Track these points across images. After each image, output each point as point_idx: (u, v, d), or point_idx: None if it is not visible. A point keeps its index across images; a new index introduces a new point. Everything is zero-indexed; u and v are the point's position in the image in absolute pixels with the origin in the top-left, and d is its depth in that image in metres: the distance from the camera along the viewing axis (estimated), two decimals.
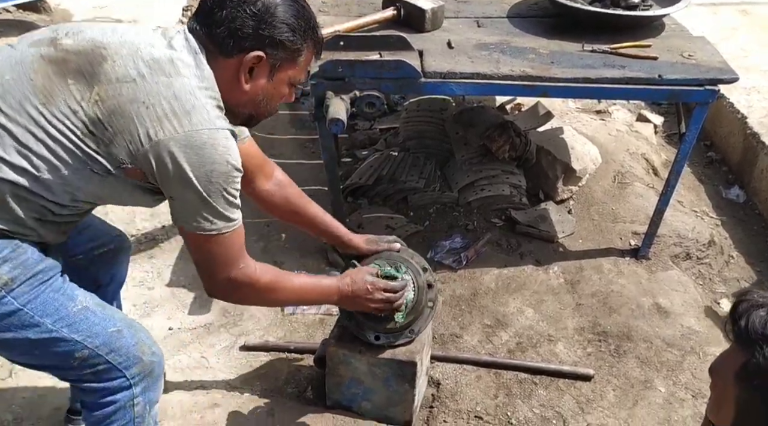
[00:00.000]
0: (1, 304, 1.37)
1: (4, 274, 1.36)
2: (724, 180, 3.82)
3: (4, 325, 1.39)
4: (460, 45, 2.65)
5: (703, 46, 2.70)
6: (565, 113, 4.07)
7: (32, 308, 1.40)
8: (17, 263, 1.38)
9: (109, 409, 1.55)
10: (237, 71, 1.45)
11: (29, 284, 1.40)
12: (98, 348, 1.48)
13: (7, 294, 1.37)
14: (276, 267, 1.68)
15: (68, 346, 1.45)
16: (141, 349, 1.56)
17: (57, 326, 1.43)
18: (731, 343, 1.11)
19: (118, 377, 1.53)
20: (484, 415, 2.27)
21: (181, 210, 1.42)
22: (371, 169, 3.28)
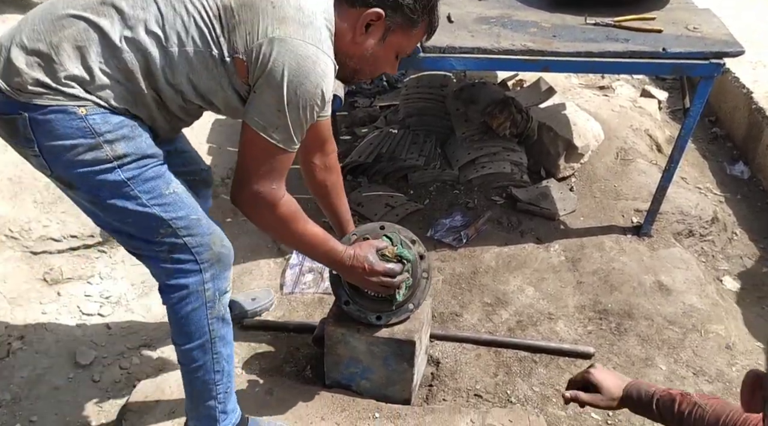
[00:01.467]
0: (112, 173, 1.49)
1: (120, 149, 1.48)
2: (728, 156, 3.78)
3: (109, 191, 1.51)
4: (460, 19, 2.59)
5: (708, 18, 2.65)
6: (568, 89, 4.01)
7: (134, 183, 1.52)
8: (132, 143, 1.50)
9: (183, 292, 1.65)
10: (355, 23, 1.55)
11: (137, 163, 1.52)
12: (180, 229, 1.59)
13: (118, 167, 1.49)
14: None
15: (155, 222, 1.56)
16: (213, 240, 1.66)
17: (150, 203, 1.54)
18: None
19: (189, 260, 1.63)
20: (483, 393, 2.26)
21: (256, 104, 1.48)
22: (371, 146, 3.24)
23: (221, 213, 3.01)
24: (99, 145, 1.47)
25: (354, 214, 3.00)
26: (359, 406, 2.14)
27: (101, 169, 1.48)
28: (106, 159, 1.48)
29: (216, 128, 3.48)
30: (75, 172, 1.49)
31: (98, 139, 1.46)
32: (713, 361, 2.39)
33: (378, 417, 2.11)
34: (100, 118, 1.45)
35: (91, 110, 1.44)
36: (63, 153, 1.46)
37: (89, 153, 1.47)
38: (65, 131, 1.44)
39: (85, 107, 1.44)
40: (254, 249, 2.85)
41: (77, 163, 1.47)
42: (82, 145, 1.46)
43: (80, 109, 1.43)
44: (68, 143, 1.45)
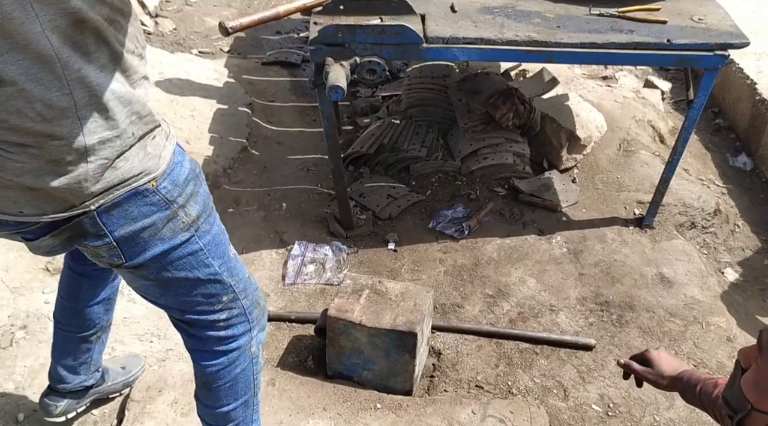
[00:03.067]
0: (189, 244, 1.36)
1: (192, 212, 1.35)
2: (731, 147, 3.76)
3: (184, 264, 1.38)
4: (463, 8, 2.57)
5: (713, 9, 2.62)
6: (571, 79, 3.99)
7: (209, 249, 1.41)
8: (200, 197, 1.38)
9: (234, 354, 1.58)
10: None
11: (206, 222, 1.40)
12: (240, 292, 1.52)
13: (195, 233, 1.37)
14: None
15: (222, 289, 1.47)
16: (259, 294, 1.61)
17: (221, 269, 1.45)
18: None
19: (243, 322, 1.56)
20: (484, 384, 2.27)
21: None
22: (373, 137, 3.23)
23: (222, 203, 3.01)
24: (175, 214, 1.32)
25: (356, 204, 3.01)
26: (361, 396, 2.15)
27: (180, 241, 1.35)
28: (183, 227, 1.35)
29: (217, 118, 3.47)
30: (152, 253, 1.33)
31: (172, 208, 1.32)
32: (714, 353, 2.40)
33: (379, 408, 2.12)
34: (170, 184, 1.31)
35: (159, 180, 1.29)
36: (139, 235, 1.30)
37: (167, 226, 1.32)
38: (140, 212, 1.28)
39: (154, 180, 1.28)
40: (256, 240, 2.85)
41: (155, 242, 1.32)
42: (160, 220, 1.31)
43: (150, 183, 1.27)
44: (146, 222, 1.29)
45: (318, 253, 2.76)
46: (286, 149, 3.42)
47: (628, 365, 1.60)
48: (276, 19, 2.46)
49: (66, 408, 2.00)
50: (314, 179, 3.21)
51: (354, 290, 2.19)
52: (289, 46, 4.37)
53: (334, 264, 2.73)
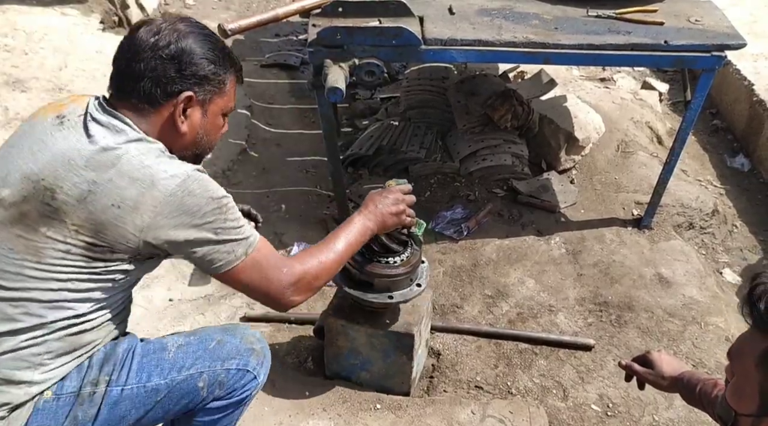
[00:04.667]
0: (113, 397, 1.45)
1: (101, 376, 1.45)
2: (729, 148, 3.78)
3: (128, 408, 1.47)
4: (461, 10, 2.59)
5: (710, 10, 2.64)
6: (569, 81, 4.00)
7: (138, 380, 1.47)
8: (102, 362, 1.46)
9: (245, 401, 1.64)
10: (171, 117, 1.43)
11: (123, 367, 1.47)
12: (211, 366, 1.54)
13: (112, 387, 1.45)
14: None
15: (188, 384, 1.51)
16: (248, 340, 1.61)
17: (168, 378, 1.50)
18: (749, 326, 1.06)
19: (243, 375, 1.58)
20: (484, 384, 2.28)
21: (204, 260, 1.43)
22: (371, 139, 3.24)
23: None
24: (83, 397, 1.43)
25: (355, 206, 3.01)
26: (360, 397, 2.16)
27: (104, 404, 1.44)
28: (100, 394, 1.44)
29: None
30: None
31: (79, 396, 1.43)
32: (713, 353, 2.41)
33: (379, 408, 2.13)
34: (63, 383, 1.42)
35: (54, 388, 1.41)
36: None
37: (84, 411, 1.42)
38: (53, 422, 1.40)
39: (47, 391, 1.40)
40: None
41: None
42: (79, 413, 1.42)
43: (46, 393, 1.40)
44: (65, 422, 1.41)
45: None
46: (285, 151, 3.43)
47: (629, 367, 1.62)
48: (275, 21, 2.48)
49: None
50: (313, 181, 3.22)
51: None
52: (288, 48, 4.38)
53: None
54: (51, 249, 1.33)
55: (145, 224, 1.34)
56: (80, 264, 1.35)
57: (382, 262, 1.91)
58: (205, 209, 1.37)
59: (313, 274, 1.55)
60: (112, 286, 1.42)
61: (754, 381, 1.02)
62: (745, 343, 1.06)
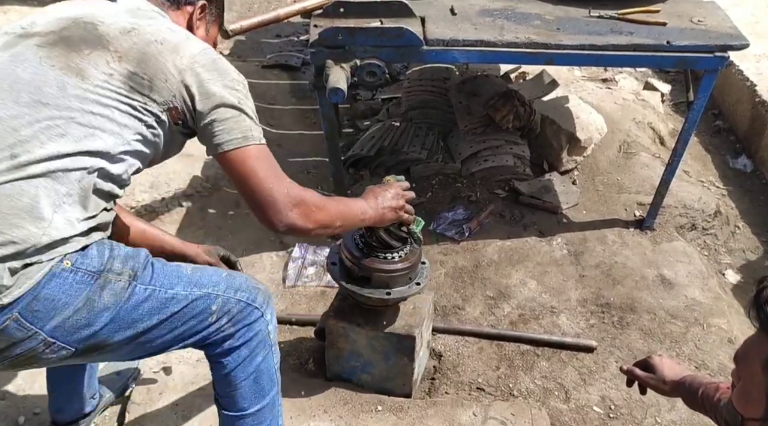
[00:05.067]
0: (135, 294, 1.38)
1: (123, 269, 1.37)
2: (731, 149, 3.77)
3: (147, 310, 1.40)
4: (463, 11, 2.58)
5: (713, 11, 2.63)
6: (571, 82, 4.00)
7: (161, 284, 1.42)
8: (123, 257, 1.39)
9: (253, 342, 1.56)
10: (189, 20, 1.59)
11: (145, 268, 1.42)
12: (226, 292, 1.50)
13: (137, 283, 1.39)
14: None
15: (204, 303, 1.47)
16: (252, 280, 1.60)
17: (188, 289, 1.45)
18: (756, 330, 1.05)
19: (251, 311, 1.54)
20: (486, 386, 2.27)
21: (221, 128, 1.42)
22: (373, 139, 3.23)
23: (223, 206, 3.02)
24: (107, 280, 1.34)
25: None
26: (362, 399, 2.15)
27: (126, 297, 1.36)
28: (123, 286, 1.36)
29: None
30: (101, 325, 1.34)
31: (102, 276, 1.34)
32: (715, 355, 2.40)
33: (380, 410, 2.12)
34: (84, 258, 1.32)
35: (72, 258, 1.31)
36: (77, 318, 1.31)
37: (105, 294, 1.33)
38: (65, 295, 1.29)
39: (65, 260, 1.30)
40: (257, 242, 2.85)
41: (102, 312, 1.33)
42: (94, 292, 1.32)
43: (64, 262, 1.30)
44: (77, 302, 1.31)
45: (319, 256, 2.76)
46: (287, 152, 3.42)
47: (630, 371, 1.62)
48: (276, 22, 2.47)
49: None
50: (315, 181, 3.21)
51: None
52: (289, 49, 4.37)
53: None
54: (93, 69, 1.35)
55: (183, 65, 1.40)
56: (122, 91, 1.36)
57: (380, 257, 1.90)
58: (233, 76, 1.46)
59: (315, 203, 1.50)
60: (141, 137, 1.39)
61: (761, 385, 1.01)
62: (752, 346, 1.05)
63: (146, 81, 1.37)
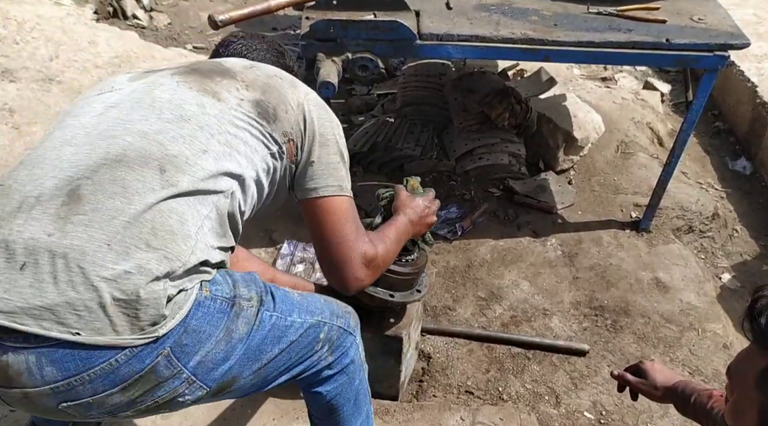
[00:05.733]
0: (263, 322, 1.31)
1: (249, 293, 1.31)
2: (730, 151, 3.72)
3: (271, 341, 1.33)
4: (459, 5, 2.52)
5: (714, 9, 2.57)
6: (569, 80, 3.94)
7: (281, 311, 1.36)
8: (245, 281, 1.34)
9: (351, 367, 1.54)
10: None
11: (267, 293, 1.36)
12: (329, 319, 1.47)
13: (264, 309, 1.32)
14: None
15: (314, 331, 1.42)
16: (342, 304, 1.56)
17: (303, 317, 1.40)
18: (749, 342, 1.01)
19: (346, 336, 1.52)
20: (474, 390, 2.22)
21: (321, 172, 1.44)
22: (366, 135, 3.18)
23: None
24: (240, 307, 1.27)
25: None
26: None
27: (256, 325, 1.29)
28: (253, 312, 1.29)
29: None
30: (236, 358, 1.26)
31: (235, 303, 1.27)
32: (710, 360, 2.35)
33: None
34: (218, 285, 1.26)
35: (209, 286, 1.24)
36: (215, 353, 1.22)
37: (239, 322, 1.26)
38: (209, 326, 1.21)
39: (204, 288, 1.23)
40: (245, 238, 2.75)
41: (237, 343, 1.25)
42: (231, 320, 1.24)
43: (204, 289, 1.23)
44: (218, 333, 1.22)
45: (308, 253, 2.71)
46: None
47: (621, 376, 1.58)
48: (268, 13, 2.41)
49: None
50: None
51: None
52: (285, 42, 4.31)
53: None
54: (227, 93, 1.39)
55: (301, 100, 1.46)
56: (252, 115, 1.38)
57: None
58: (337, 121, 1.53)
59: (383, 257, 1.54)
60: (266, 166, 1.39)
61: (754, 400, 0.96)
62: (745, 360, 1.01)
63: (271, 109, 1.41)
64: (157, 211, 1.18)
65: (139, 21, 4.58)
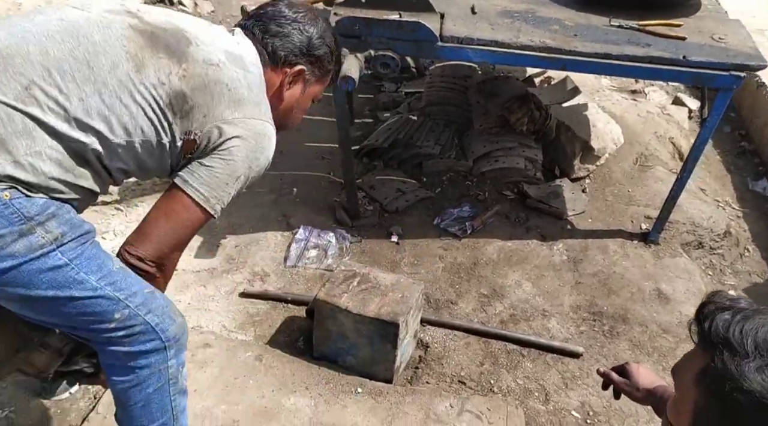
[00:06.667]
0: (49, 258, 1.32)
1: (54, 229, 1.32)
2: (753, 171, 3.72)
3: (48, 281, 1.33)
4: (483, 10, 2.61)
5: (736, 29, 2.61)
6: (596, 90, 3.98)
7: (78, 264, 1.36)
8: (64, 220, 1.35)
9: (143, 372, 1.49)
10: (280, 80, 1.59)
11: (76, 241, 1.36)
12: (138, 307, 1.44)
13: (56, 248, 1.33)
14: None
15: (109, 305, 1.40)
16: (173, 310, 1.53)
17: (101, 284, 1.38)
18: (695, 345, 1.07)
19: (153, 339, 1.48)
20: (467, 380, 2.30)
21: (202, 176, 1.44)
22: (389, 131, 3.28)
23: None
24: (31, 230, 1.29)
25: (365, 196, 3.07)
26: (343, 380, 2.21)
27: (37, 255, 1.30)
28: (42, 243, 1.30)
29: None
30: (4, 267, 1.28)
31: (29, 224, 1.28)
32: None
33: (360, 392, 2.17)
34: (26, 201, 1.28)
35: (15, 194, 1.27)
36: None
37: (20, 241, 1.28)
38: None
39: (7, 191, 1.26)
40: (264, 220, 2.93)
41: (6, 256, 1.28)
42: (11, 234, 1.27)
43: (4, 193, 1.26)
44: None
45: (322, 239, 2.83)
46: (305, 136, 3.49)
47: (606, 374, 1.64)
48: None
49: (61, 389, 2.10)
50: (327, 167, 3.28)
51: (345, 277, 2.25)
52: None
53: (336, 251, 2.79)
54: (153, 71, 1.38)
55: (231, 118, 1.43)
56: (160, 102, 1.37)
57: None
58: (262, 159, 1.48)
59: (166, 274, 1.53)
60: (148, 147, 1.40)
61: (690, 398, 1.03)
62: (688, 360, 1.07)
63: (188, 106, 1.40)
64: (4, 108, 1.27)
65: (183, 7, 4.76)
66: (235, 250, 2.77)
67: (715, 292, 1.07)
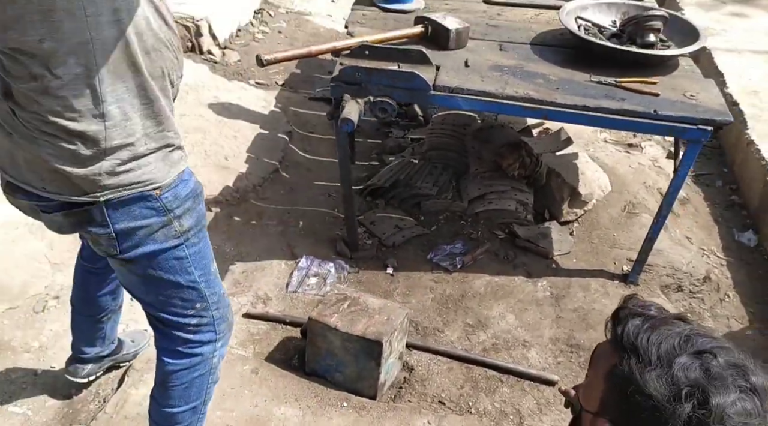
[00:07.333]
0: (177, 250, 1.58)
1: (185, 223, 1.57)
2: (740, 224, 3.87)
3: (170, 267, 1.58)
4: (476, 64, 2.87)
5: (708, 87, 2.83)
6: (592, 142, 4.21)
7: (192, 260, 1.62)
8: (195, 214, 1.59)
9: (196, 359, 1.76)
10: None
11: (196, 236, 1.61)
12: (212, 304, 1.72)
13: (183, 242, 1.58)
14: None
15: (197, 296, 1.67)
16: (229, 310, 1.81)
17: (200, 279, 1.65)
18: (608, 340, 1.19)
19: (210, 331, 1.75)
20: (447, 401, 2.47)
21: None
22: (390, 172, 3.53)
23: (247, 215, 3.35)
24: (170, 222, 1.54)
25: (365, 230, 3.30)
26: (331, 394, 2.40)
27: (169, 246, 1.56)
28: (175, 235, 1.55)
29: (257, 141, 3.85)
30: (143, 251, 1.53)
31: (169, 216, 1.53)
32: None
33: (345, 406, 2.36)
34: (172, 195, 1.52)
35: (165, 190, 1.51)
36: (136, 232, 1.51)
37: (161, 231, 1.53)
38: (141, 213, 1.49)
39: (159, 188, 1.50)
40: (270, 250, 3.16)
41: (148, 242, 1.53)
42: (156, 223, 1.52)
43: (155, 191, 1.50)
44: (144, 222, 1.50)
45: (322, 268, 3.05)
46: (314, 175, 3.75)
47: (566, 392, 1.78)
48: (308, 57, 2.83)
49: (89, 372, 2.32)
50: (333, 204, 3.52)
51: (338, 300, 2.46)
52: None
53: (335, 280, 3.00)
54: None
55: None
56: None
57: None
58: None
59: None
60: None
61: (600, 389, 1.19)
62: (602, 354, 1.23)
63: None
64: None
65: (212, 56, 5.13)
66: (242, 275, 3.00)
67: (631, 296, 1.24)
